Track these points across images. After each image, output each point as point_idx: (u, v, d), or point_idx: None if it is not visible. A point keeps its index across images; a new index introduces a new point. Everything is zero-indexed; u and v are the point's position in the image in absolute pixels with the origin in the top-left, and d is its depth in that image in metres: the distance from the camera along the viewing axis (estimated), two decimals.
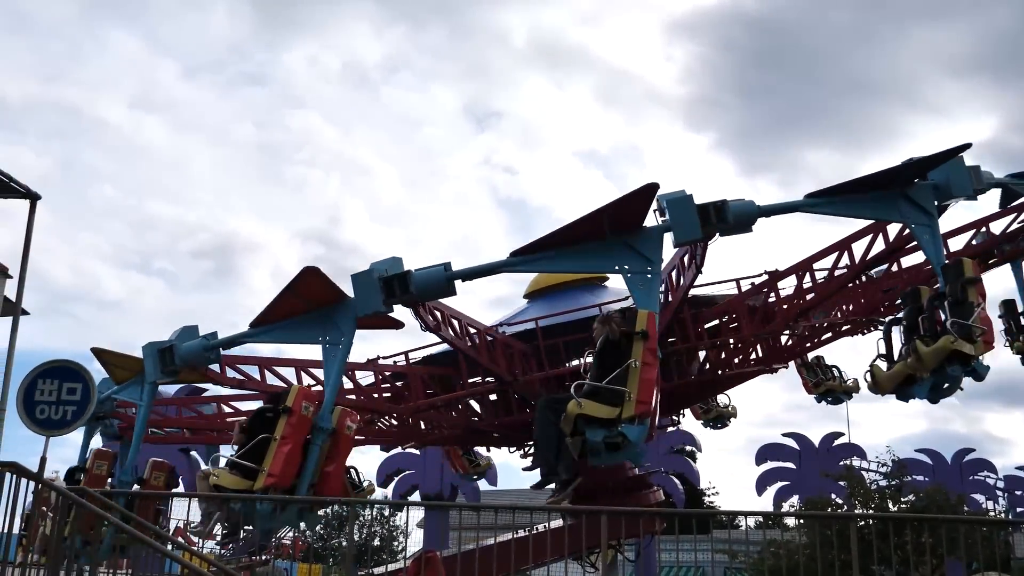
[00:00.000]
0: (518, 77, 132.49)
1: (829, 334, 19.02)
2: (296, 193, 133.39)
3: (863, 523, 17.41)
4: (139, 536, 9.65)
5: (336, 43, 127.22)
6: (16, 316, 15.84)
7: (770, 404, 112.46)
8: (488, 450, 23.68)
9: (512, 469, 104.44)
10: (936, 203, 12.42)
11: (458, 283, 12.65)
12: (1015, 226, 16.09)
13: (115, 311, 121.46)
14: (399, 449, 37.94)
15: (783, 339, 18.26)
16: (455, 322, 15.48)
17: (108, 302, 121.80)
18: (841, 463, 38.49)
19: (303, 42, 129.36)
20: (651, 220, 12.08)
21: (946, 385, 12.15)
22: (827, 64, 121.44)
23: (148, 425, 15.08)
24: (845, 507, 33.68)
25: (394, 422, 18.69)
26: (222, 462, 12.66)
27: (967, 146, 12.09)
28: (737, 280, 17.53)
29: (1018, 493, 41.56)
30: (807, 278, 16.72)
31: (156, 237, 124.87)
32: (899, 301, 14.39)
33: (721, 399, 23.25)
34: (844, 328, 18.71)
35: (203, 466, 19.09)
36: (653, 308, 11.46)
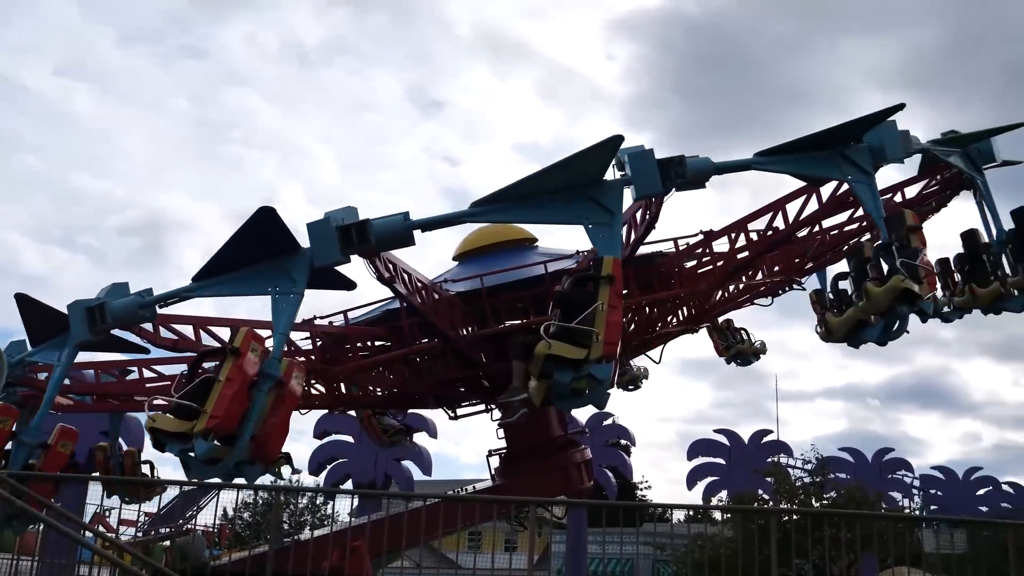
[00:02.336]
0: (461, 67, 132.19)
1: (747, 296, 19.37)
2: (231, 172, 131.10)
3: (786, 518, 17.70)
4: (54, 524, 9.36)
5: (275, 21, 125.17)
6: None
7: (699, 400, 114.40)
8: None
9: (447, 459, 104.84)
10: (875, 164, 12.90)
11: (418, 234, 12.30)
12: (929, 190, 16.69)
13: (36, 287, 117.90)
14: (332, 437, 37.77)
15: (710, 300, 18.58)
16: (406, 276, 15.02)
17: (29, 277, 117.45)
18: (769, 460, 39.24)
19: (240, 18, 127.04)
20: (610, 175, 12.16)
21: (895, 326, 12.72)
22: (764, 71, 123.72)
23: (63, 391, 14.46)
24: (771, 502, 34.33)
25: (322, 389, 18.29)
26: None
27: (901, 106, 12.54)
28: (674, 240, 17.68)
29: (932, 491, 42.74)
30: (742, 238, 16.89)
31: (81, 211, 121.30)
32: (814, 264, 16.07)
33: (634, 362, 23.31)
34: (763, 289, 19.04)
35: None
36: (616, 255, 11.58)
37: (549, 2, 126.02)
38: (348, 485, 36.16)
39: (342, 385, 18.24)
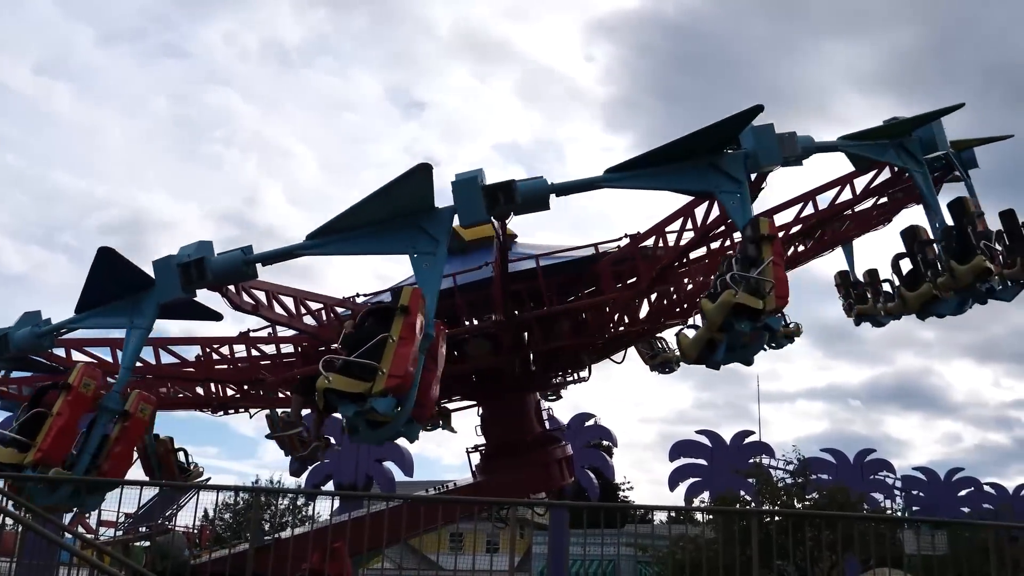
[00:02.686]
0: (441, 67, 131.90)
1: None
2: (212, 171, 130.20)
3: (768, 519, 17.76)
4: (31, 525, 9.25)
5: (255, 21, 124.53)
6: None
7: (681, 401, 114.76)
8: None
9: (429, 460, 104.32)
10: (750, 171, 12.36)
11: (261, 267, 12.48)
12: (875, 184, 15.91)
13: (16, 286, 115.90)
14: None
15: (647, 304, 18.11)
16: (287, 300, 15.34)
17: (9, 276, 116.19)
18: (751, 461, 39.38)
19: (220, 17, 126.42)
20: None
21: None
22: (744, 73, 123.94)
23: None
24: (753, 503, 34.41)
25: (281, 394, 18.42)
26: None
27: (759, 108, 11.88)
28: (595, 245, 17.46)
29: (914, 492, 43.01)
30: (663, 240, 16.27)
31: (61, 210, 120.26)
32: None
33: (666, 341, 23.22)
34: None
35: None
36: (432, 287, 11.44)
37: (529, 3, 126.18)
38: (329, 486, 36.08)
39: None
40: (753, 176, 12.60)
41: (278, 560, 12.15)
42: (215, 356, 17.60)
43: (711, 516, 23.85)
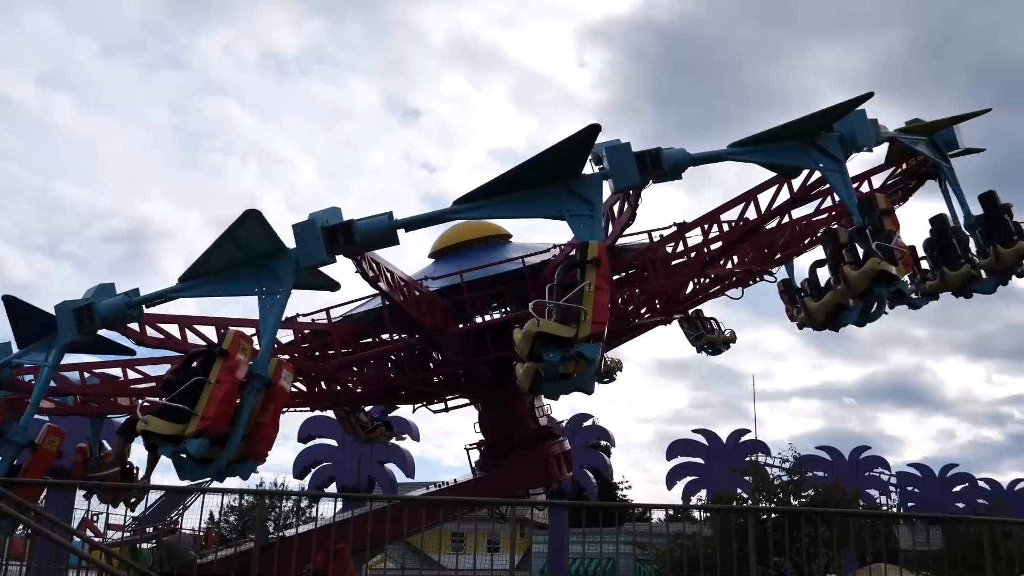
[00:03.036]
0: (436, 75, 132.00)
1: (718, 287, 19.40)
2: (212, 180, 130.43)
3: (764, 516, 17.79)
4: (41, 530, 9.30)
5: (252, 31, 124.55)
6: None
7: (677, 401, 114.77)
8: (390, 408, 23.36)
9: (429, 461, 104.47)
10: (843, 151, 12.90)
11: (402, 233, 12.38)
12: (892, 180, 16.72)
13: (21, 294, 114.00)
14: (317, 441, 37.69)
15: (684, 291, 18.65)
16: (389, 275, 15.15)
17: (14, 285, 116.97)
18: (747, 459, 39.44)
19: (219, 28, 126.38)
20: (588, 169, 12.25)
21: (874, 308, 12.89)
22: (734, 76, 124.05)
23: (49, 394, 14.41)
24: (749, 501, 34.46)
25: (303, 387, 18.15)
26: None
27: (870, 95, 12.57)
28: (648, 232, 17.76)
29: (909, 489, 43.09)
30: (715, 229, 17.04)
31: (65, 220, 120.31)
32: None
33: (608, 354, 23.24)
34: (734, 279, 19.19)
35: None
36: (598, 236, 11.69)
37: (522, 11, 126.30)
38: (332, 488, 36.11)
39: (323, 383, 18.24)
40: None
41: (283, 556, 12.20)
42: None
43: (708, 514, 23.89)
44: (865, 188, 16.54)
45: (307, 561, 13.10)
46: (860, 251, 12.41)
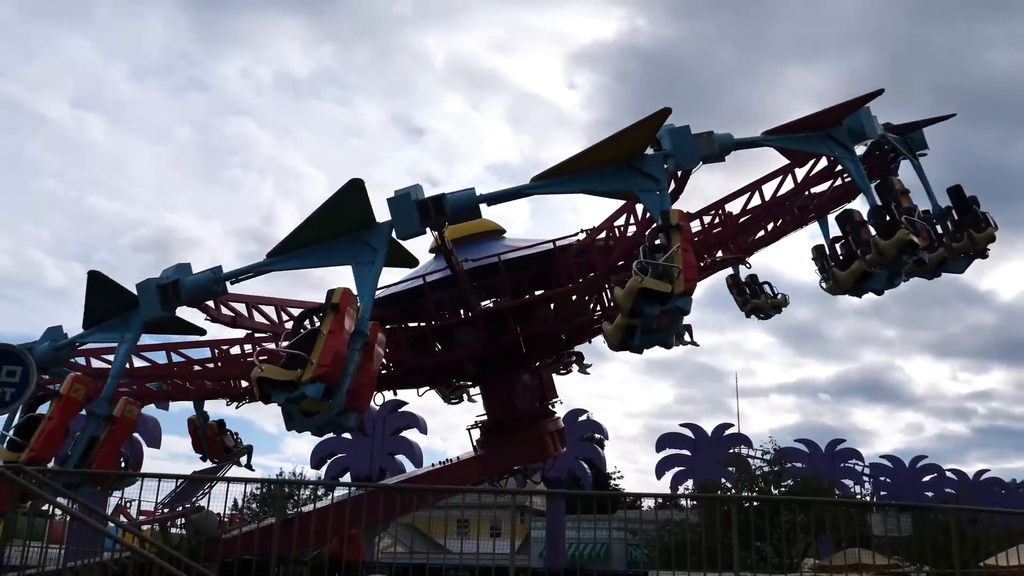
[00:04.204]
0: (438, 96, 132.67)
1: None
2: (232, 193, 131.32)
3: (747, 505, 17.78)
4: (79, 516, 9.31)
5: (268, 57, 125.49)
6: None
7: (663, 397, 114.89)
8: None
9: (436, 453, 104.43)
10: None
11: (230, 284, 12.84)
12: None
13: (58, 299, 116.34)
14: (333, 434, 37.74)
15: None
16: (267, 308, 15.51)
17: (51, 290, 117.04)
18: (731, 451, 39.40)
19: (237, 54, 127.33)
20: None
21: (897, 276, 13.41)
22: (713, 96, 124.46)
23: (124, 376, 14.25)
24: (733, 490, 34.45)
25: None
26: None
27: (880, 91, 13.23)
28: (553, 241, 17.59)
29: (882, 478, 43.03)
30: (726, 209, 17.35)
31: (97, 230, 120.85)
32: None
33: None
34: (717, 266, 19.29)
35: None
36: (667, 207, 11.88)
37: (515, 37, 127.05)
38: (347, 478, 36.11)
39: None
40: (679, 174, 13.17)
41: (301, 531, 12.20)
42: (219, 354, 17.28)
43: (695, 502, 23.88)
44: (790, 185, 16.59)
45: (323, 533, 13.05)
46: (879, 227, 12.84)
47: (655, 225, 12.17)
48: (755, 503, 19.84)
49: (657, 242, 11.63)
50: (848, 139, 13.49)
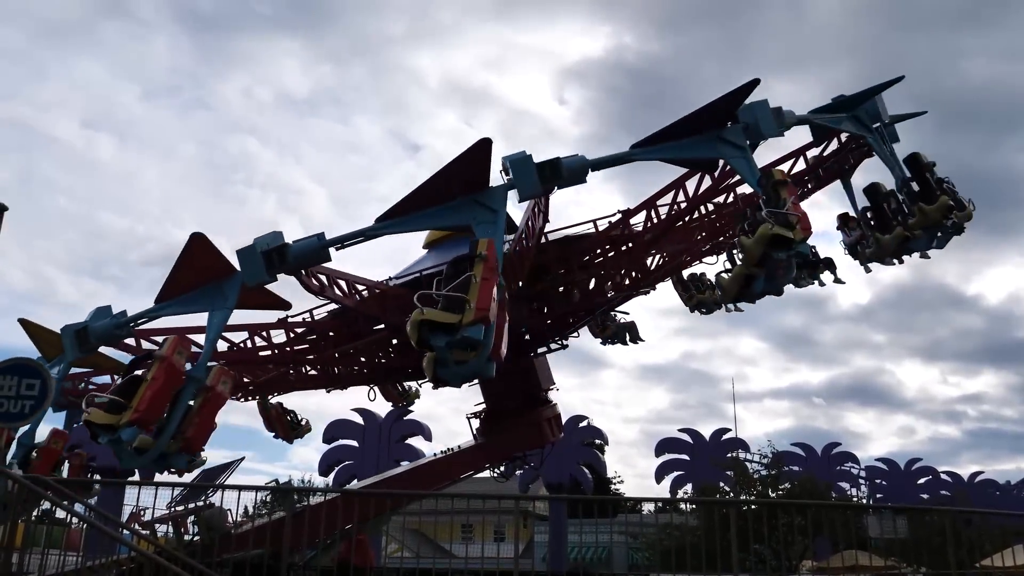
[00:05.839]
0: (433, 113, 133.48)
1: (682, 258, 19.00)
2: (237, 208, 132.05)
3: (745, 508, 17.79)
4: (94, 523, 9.36)
5: (267, 77, 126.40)
6: None
7: (659, 402, 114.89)
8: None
9: None
10: (748, 141, 12.67)
11: (334, 250, 12.67)
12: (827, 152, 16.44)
13: (71, 313, 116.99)
14: (340, 442, 37.70)
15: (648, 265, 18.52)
16: (341, 282, 15.29)
17: (64, 304, 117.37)
18: (729, 455, 39.33)
19: (238, 75, 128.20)
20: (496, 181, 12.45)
21: (779, 274, 12.23)
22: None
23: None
24: (731, 494, 34.42)
25: (312, 371, 18.62)
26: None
27: (756, 82, 12.35)
28: (594, 221, 17.72)
29: (877, 481, 42.93)
30: (654, 213, 16.69)
31: (107, 246, 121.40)
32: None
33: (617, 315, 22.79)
34: (694, 254, 18.99)
35: None
36: (497, 239, 11.67)
37: (506, 54, 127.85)
38: (354, 484, 36.12)
39: (322, 368, 18.68)
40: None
41: (311, 524, 12.22)
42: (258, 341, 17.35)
43: (694, 506, 23.89)
44: (802, 165, 16.47)
45: (331, 526, 13.04)
46: (916, 195, 13.18)
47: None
48: (753, 506, 19.86)
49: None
50: (742, 137, 12.60)
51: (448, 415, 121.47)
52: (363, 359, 18.75)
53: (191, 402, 12.15)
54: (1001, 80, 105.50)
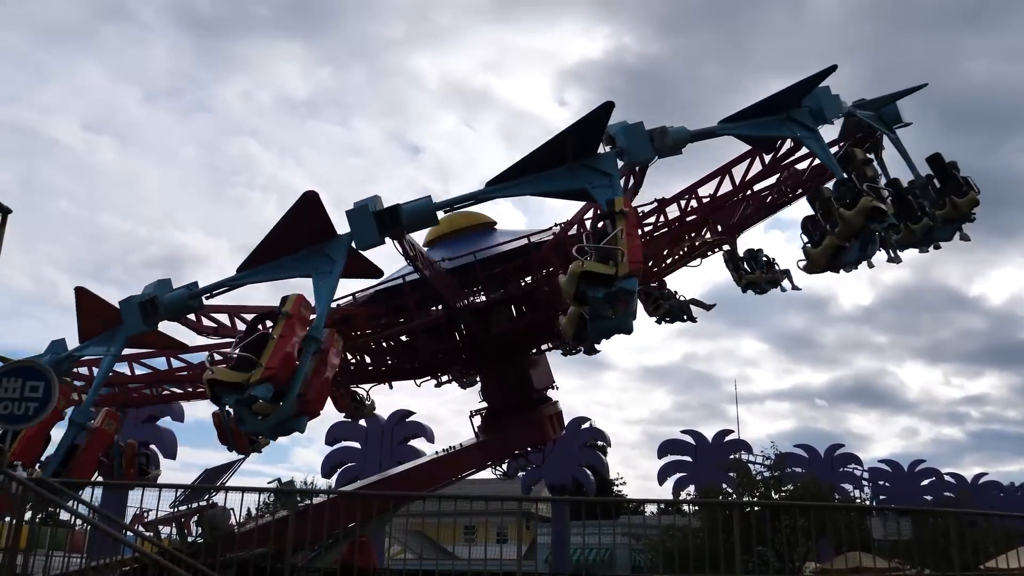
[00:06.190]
0: (433, 115, 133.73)
1: (688, 256, 19.16)
2: (238, 211, 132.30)
3: (748, 509, 17.75)
4: (98, 525, 9.35)
5: (267, 80, 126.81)
6: None
7: (661, 404, 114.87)
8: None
9: None
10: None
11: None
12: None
13: (73, 315, 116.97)
14: (342, 443, 37.71)
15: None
16: (421, 255, 15.24)
17: (67, 307, 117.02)
18: (731, 456, 39.25)
19: (238, 78, 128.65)
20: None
21: (869, 247, 13.38)
22: (698, 110, 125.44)
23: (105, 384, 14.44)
24: (734, 495, 34.32)
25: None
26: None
27: (834, 68, 12.94)
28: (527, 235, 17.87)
29: (881, 483, 42.84)
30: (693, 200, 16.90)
31: (109, 249, 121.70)
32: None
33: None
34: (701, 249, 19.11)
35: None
36: (620, 195, 11.78)
37: (506, 56, 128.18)
38: (355, 486, 36.12)
39: (356, 358, 18.44)
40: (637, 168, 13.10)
41: (315, 522, 12.19)
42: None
43: (697, 507, 23.83)
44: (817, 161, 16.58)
45: (334, 524, 13.03)
46: (843, 199, 12.87)
47: (598, 214, 12.24)
48: (756, 508, 19.81)
49: (600, 226, 11.72)
50: (810, 119, 13.22)
51: (450, 417, 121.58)
52: (396, 348, 18.43)
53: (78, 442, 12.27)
54: (1003, 81, 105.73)
